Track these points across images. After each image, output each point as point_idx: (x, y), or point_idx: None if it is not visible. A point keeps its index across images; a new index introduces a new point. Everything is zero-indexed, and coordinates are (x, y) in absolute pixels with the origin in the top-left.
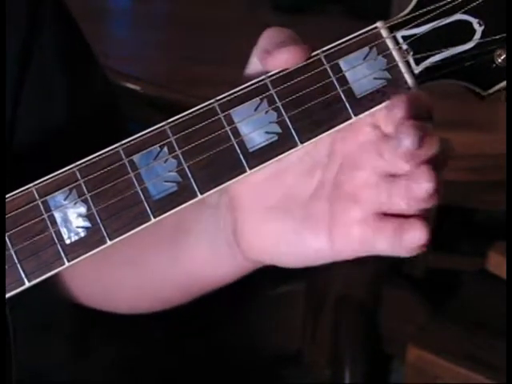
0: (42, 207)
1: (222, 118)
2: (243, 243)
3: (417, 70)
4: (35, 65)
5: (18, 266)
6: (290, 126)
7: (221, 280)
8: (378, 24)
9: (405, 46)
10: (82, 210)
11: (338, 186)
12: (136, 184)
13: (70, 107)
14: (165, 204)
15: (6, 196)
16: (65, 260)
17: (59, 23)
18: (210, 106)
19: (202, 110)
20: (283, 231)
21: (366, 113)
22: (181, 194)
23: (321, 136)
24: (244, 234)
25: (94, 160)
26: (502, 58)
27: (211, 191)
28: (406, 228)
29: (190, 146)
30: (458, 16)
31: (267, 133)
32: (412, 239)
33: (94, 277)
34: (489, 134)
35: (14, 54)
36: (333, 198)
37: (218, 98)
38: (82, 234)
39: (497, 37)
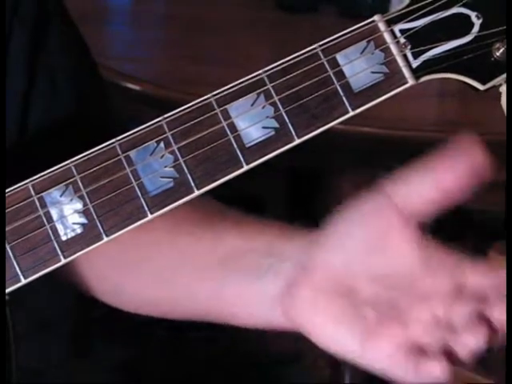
0: (37, 203)
1: (219, 113)
2: (291, 308)
3: (415, 63)
4: (43, 60)
5: (14, 262)
6: (287, 121)
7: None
8: (376, 18)
9: (402, 40)
10: (78, 205)
11: (394, 305)
12: (132, 180)
13: (75, 104)
14: (162, 200)
15: None
16: (61, 257)
17: (61, 21)
18: (207, 101)
19: (198, 105)
20: (331, 315)
21: (364, 107)
22: (178, 190)
23: (318, 131)
24: (297, 303)
25: (90, 156)
26: (501, 51)
27: (208, 187)
28: (428, 366)
29: (186, 142)
30: (456, 9)
31: (264, 128)
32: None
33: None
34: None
35: (23, 45)
36: (383, 311)
37: (214, 93)
38: (79, 231)
39: (495, 30)
